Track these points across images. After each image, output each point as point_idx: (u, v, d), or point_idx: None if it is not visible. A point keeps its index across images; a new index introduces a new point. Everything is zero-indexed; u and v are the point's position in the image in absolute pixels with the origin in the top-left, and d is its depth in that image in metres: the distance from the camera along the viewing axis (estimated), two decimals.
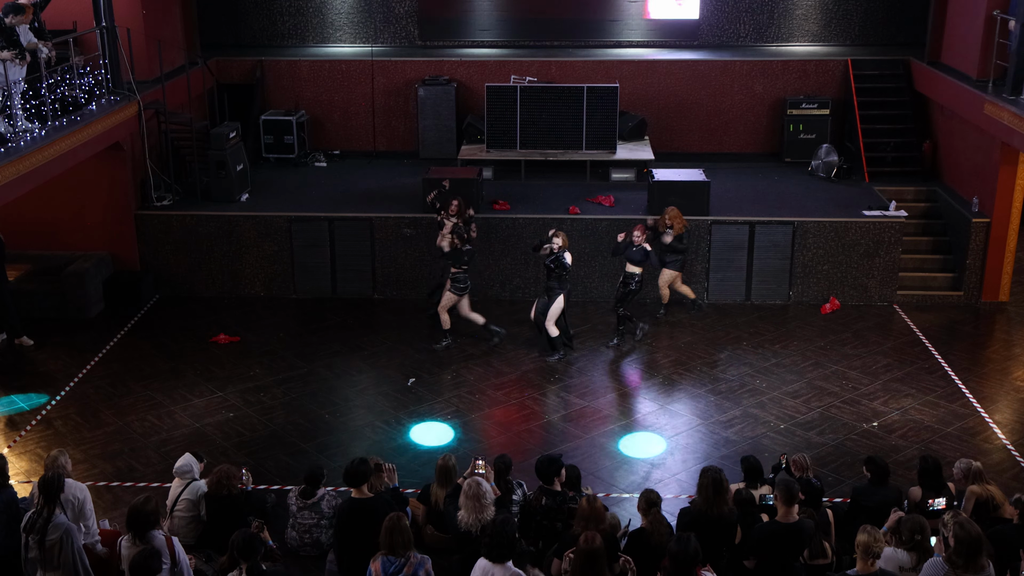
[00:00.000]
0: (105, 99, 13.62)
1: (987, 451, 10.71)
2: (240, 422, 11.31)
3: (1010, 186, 14.12)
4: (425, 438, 10.97)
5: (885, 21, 18.22)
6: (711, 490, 7.53)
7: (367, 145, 17.71)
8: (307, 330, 13.68)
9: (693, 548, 6.66)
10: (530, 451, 10.51)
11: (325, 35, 18.53)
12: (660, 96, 17.32)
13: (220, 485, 8.43)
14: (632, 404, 11.81)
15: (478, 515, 7.65)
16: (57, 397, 11.87)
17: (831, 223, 14.30)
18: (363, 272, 14.58)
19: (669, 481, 10.12)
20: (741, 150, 17.49)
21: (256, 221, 14.54)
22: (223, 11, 18.24)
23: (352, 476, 7.95)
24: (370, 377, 12.41)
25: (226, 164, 14.79)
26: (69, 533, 7.22)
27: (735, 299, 14.51)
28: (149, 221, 14.61)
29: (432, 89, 16.98)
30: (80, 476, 9.79)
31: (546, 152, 16.22)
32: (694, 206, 14.06)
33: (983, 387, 12.14)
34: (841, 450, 10.70)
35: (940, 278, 14.75)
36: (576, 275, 14.38)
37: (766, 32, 18.37)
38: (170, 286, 14.78)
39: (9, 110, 11.42)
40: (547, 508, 7.98)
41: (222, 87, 17.16)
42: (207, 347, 13.15)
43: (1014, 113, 12.87)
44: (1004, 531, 7.60)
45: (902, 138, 16.53)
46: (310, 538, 8.66)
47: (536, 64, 17.24)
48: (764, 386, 12.12)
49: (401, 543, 6.96)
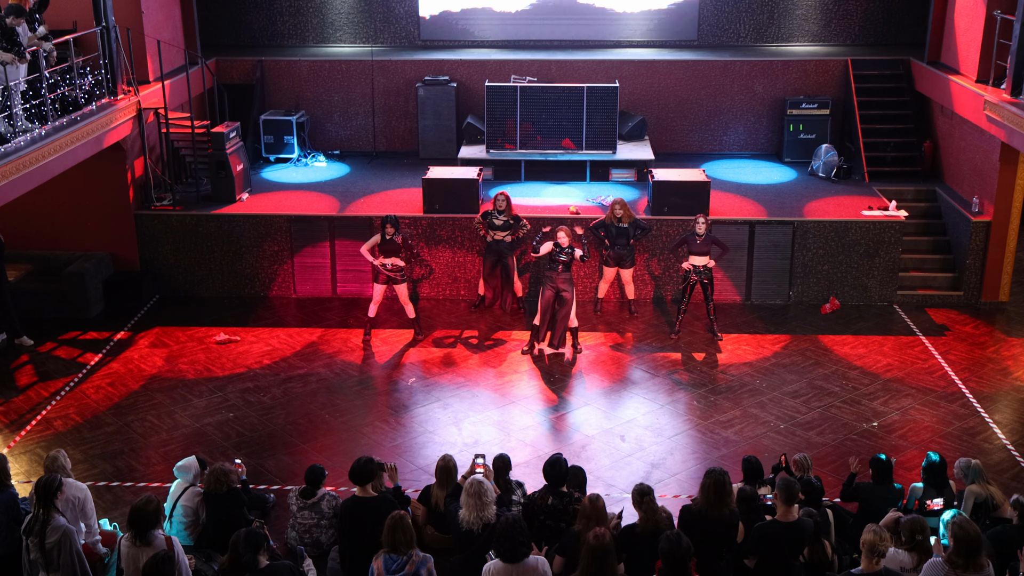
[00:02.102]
0: (105, 99, 13.62)
1: (987, 451, 10.72)
2: (240, 422, 11.31)
3: (1010, 186, 14.12)
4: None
5: (885, 21, 18.23)
6: (713, 492, 7.53)
7: (367, 145, 17.71)
8: (307, 330, 13.68)
9: (685, 545, 6.68)
10: (530, 451, 10.52)
11: (325, 35, 18.54)
12: (660, 96, 17.33)
13: (219, 483, 8.43)
14: (632, 404, 11.80)
15: (479, 514, 7.66)
16: (57, 397, 11.87)
17: (831, 223, 14.31)
18: (365, 272, 14.58)
19: (669, 481, 10.12)
20: (741, 150, 17.50)
21: (256, 221, 14.55)
22: (223, 11, 18.24)
23: (358, 475, 7.99)
24: (370, 377, 12.41)
25: (226, 164, 14.79)
26: (68, 535, 7.22)
27: (735, 299, 14.52)
28: (149, 221, 14.61)
29: (432, 89, 16.98)
30: (80, 476, 9.80)
31: (546, 152, 16.23)
32: (694, 206, 14.06)
33: (983, 387, 12.14)
34: (841, 450, 10.70)
35: (940, 278, 14.75)
36: (576, 275, 14.40)
37: (766, 32, 18.38)
38: (170, 286, 14.78)
39: (9, 110, 11.41)
40: (552, 508, 8.00)
41: (222, 87, 17.15)
42: (207, 347, 13.15)
43: (1014, 113, 12.87)
44: (1004, 531, 7.61)
45: (902, 138, 16.54)
46: (310, 538, 8.66)
47: (536, 64, 17.25)
48: (764, 386, 12.12)
49: (403, 541, 6.99)
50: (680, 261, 13.53)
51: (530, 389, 12.12)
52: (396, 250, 12.83)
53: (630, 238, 13.58)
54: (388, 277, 12.86)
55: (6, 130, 11.37)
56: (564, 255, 12.49)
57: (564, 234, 12.53)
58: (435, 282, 14.61)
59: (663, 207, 14.34)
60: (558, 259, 12.48)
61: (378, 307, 13.19)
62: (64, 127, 12.30)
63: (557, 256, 12.50)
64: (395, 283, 12.92)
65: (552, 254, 12.56)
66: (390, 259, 12.82)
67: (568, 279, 12.57)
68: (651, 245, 14.30)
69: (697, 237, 13.01)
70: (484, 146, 16.37)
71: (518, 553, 6.76)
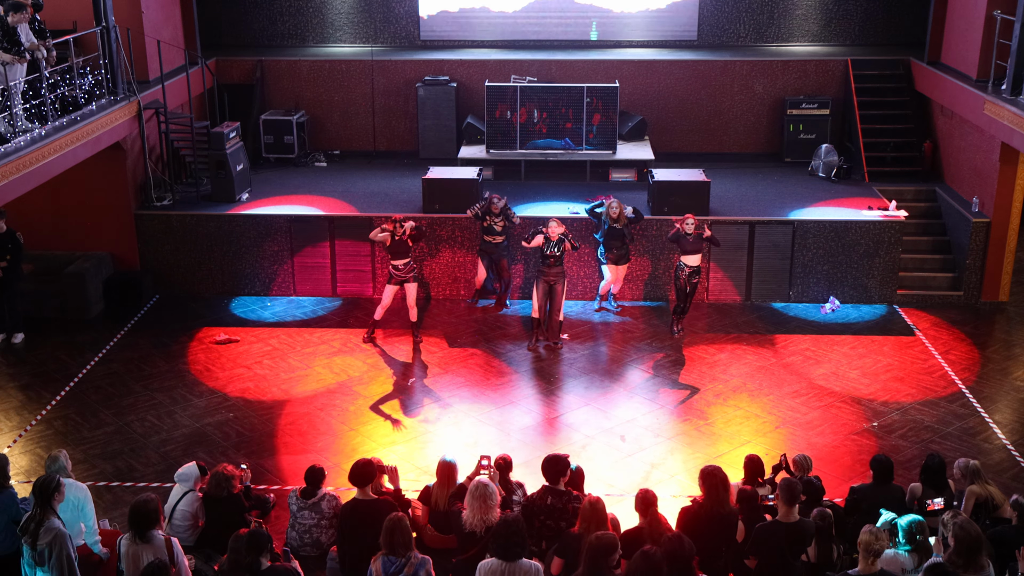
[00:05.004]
0: (105, 99, 13.62)
1: (987, 451, 10.72)
2: (240, 422, 11.31)
3: (1010, 186, 14.12)
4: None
5: (885, 21, 18.22)
6: (711, 489, 7.53)
7: (367, 145, 17.71)
8: (307, 330, 13.68)
9: (688, 546, 6.68)
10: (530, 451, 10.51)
11: (325, 35, 18.53)
12: (660, 96, 17.33)
13: (219, 487, 8.42)
14: (632, 404, 11.80)
15: (483, 516, 7.64)
16: (57, 397, 11.87)
17: (831, 223, 14.30)
18: (365, 272, 14.59)
19: (669, 481, 10.12)
20: (741, 150, 17.49)
21: (256, 221, 14.54)
22: (223, 11, 18.24)
23: (357, 477, 7.97)
24: (370, 377, 12.41)
25: (226, 164, 14.78)
26: (60, 537, 7.17)
27: (735, 299, 14.51)
28: (149, 221, 14.61)
29: (432, 89, 16.97)
30: (80, 476, 9.79)
31: (546, 152, 16.23)
32: (694, 206, 14.05)
33: (983, 387, 12.14)
34: (841, 450, 10.70)
35: (940, 278, 14.75)
36: (576, 275, 14.41)
37: (766, 32, 18.37)
38: (170, 286, 14.78)
39: (9, 110, 11.41)
40: (551, 508, 7.99)
41: (222, 87, 17.16)
42: (207, 347, 13.15)
43: (1014, 113, 12.87)
44: (1003, 531, 7.60)
45: (902, 138, 16.54)
46: (310, 538, 8.65)
47: (536, 64, 17.25)
48: (764, 386, 12.12)
49: (402, 543, 6.97)
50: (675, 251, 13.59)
51: (530, 389, 12.12)
52: (406, 251, 12.87)
53: (626, 239, 13.56)
54: (400, 278, 12.91)
55: (6, 130, 11.36)
56: (556, 248, 12.71)
57: (556, 223, 12.77)
58: (435, 282, 14.60)
59: (663, 207, 14.33)
60: (549, 253, 12.73)
61: (385, 311, 13.14)
62: (64, 127, 12.29)
63: (547, 250, 12.74)
64: (406, 283, 12.99)
65: (543, 248, 12.79)
66: (400, 260, 12.87)
67: (560, 272, 12.83)
68: (649, 245, 14.30)
69: (688, 236, 12.99)
70: (484, 146, 16.37)
71: (512, 552, 6.75)
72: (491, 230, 13.55)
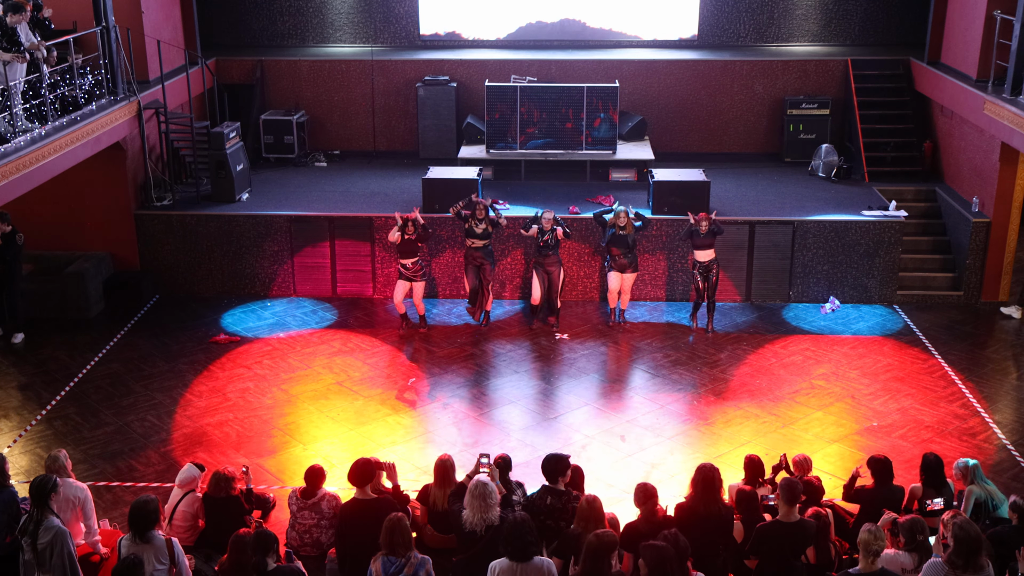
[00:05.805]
0: (105, 99, 13.62)
1: (987, 451, 10.72)
2: (240, 422, 11.31)
3: (1010, 186, 14.12)
4: None
5: (885, 21, 18.22)
6: (695, 485, 7.55)
7: (367, 145, 17.71)
8: (307, 330, 13.68)
9: (683, 544, 6.67)
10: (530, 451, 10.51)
11: (325, 35, 18.53)
12: (660, 96, 17.33)
13: (219, 488, 8.42)
14: (632, 404, 11.80)
15: (483, 515, 7.63)
16: (57, 397, 11.87)
17: (831, 223, 14.31)
18: (365, 272, 14.59)
19: (669, 481, 10.11)
20: (741, 150, 17.49)
21: (256, 221, 14.54)
22: (223, 11, 18.24)
23: (356, 476, 7.97)
24: (370, 377, 12.41)
25: (226, 164, 14.78)
26: (60, 536, 7.19)
27: (735, 299, 14.51)
28: (149, 221, 14.61)
29: (432, 89, 16.97)
30: (80, 476, 9.78)
31: (546, 152, 16.23)
32: (694, 206, 14.05)
33: (983, 387, 12.14)
34: (841, 450, 10.70)
35: (940, 278, 14.75)
36: (576, 275, 14.41)
37: (766, 32, 18.37)
38: (170, 286, 14.78)
39: (9, 110, 11.41)
40: (551, 508, 7.99)
41: (222, 87, 17.16)
42: (207, 347, 13.15)
43: (1014, 113, 12.87)
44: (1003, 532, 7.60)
45: (902, 138, 16.54)
46: (310, 538, 8.65)
47: (536, 64, 17.25)
48: (764, 386, 12.12)
49: (401, 543, 6.97)
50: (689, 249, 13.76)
51: (530, 389, 12.12)
52: (414, 250, 13.22)
53: (631, 247, 13.50)
54: (408, 276, 13.27)
55: (6, 130, 11.36)
56: (549, 236, 13.19)
57: (548, 213, 13.23)
58: (435, 282, 14.60)
59: (663, 207, 14.34)
60: (544, 242, 13.21)
61: (402, 303, 13.49)
62: (64, 127, 12.30)
63: (542, 239, 13.21)
64: (414, 282, 13.33)
65: (538, 238, 13.24)
66: (408, 259, 13.23)
67: (556, 260, 13.43)
68: (651, 246, 14.30)
69: (700, 232, 13.17)
70: (484, 146, 16.37)
71: (527, 552, 6.75)
72: (472, 232, 13.44)
